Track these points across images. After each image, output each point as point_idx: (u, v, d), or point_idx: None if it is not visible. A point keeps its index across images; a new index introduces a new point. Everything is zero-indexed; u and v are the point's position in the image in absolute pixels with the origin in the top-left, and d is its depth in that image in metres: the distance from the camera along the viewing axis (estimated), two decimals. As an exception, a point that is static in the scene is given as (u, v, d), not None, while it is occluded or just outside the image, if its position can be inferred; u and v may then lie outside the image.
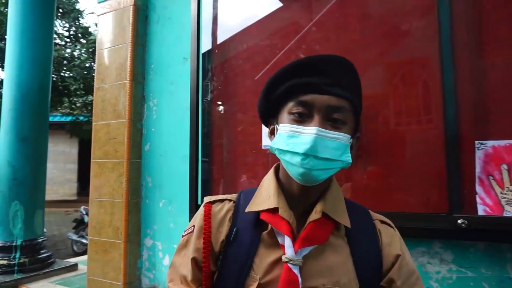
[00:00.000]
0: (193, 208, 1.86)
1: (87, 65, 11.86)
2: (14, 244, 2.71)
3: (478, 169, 1.34)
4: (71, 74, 11.61)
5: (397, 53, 1.55)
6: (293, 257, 0.73)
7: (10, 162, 2.77)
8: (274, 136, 0.81)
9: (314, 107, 0.73)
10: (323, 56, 0.77)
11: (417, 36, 1.51)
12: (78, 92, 12.13)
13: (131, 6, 2.27)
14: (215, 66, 2.05)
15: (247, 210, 0.80)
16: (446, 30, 1.42)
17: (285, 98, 0.77)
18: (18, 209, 2.76)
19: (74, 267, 2.95)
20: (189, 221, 1.12)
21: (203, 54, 2.04)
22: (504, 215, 1.28)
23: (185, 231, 0.88)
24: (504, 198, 1.29)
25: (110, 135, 2.24)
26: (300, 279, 0.71)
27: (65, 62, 11.67)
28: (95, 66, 2.43)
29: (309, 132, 0.71)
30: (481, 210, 1.32)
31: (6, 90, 2.84)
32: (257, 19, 1.97)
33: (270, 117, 0.85)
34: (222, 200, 0.87)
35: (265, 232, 0.78)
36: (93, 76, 11.48)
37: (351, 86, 0.77)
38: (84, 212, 7.17)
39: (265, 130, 1.75)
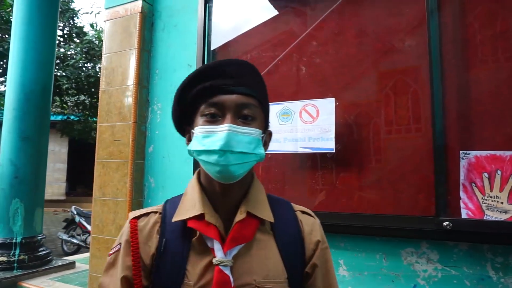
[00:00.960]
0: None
1: (80, 64, 11.81)
2: (14, 241, 2.75)
3: (462, 176, 1.47)
4: (63, 73, 11.54)
5: (391, 67, 1.68)
6: (223, 259, 0.75)
7: (12, 161, 2.82)
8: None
9: (225, 107, 0.77)
10: (225, 60, 0.82)
11: (409, 53, 1.64)
12: (70, 92, 12.06)
13: (138, 14, 2.36)
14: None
15: (173, 220, 0.80)
16: (435, 48, 1.55)
17: (196, 103, 0.80)
18: (18, 207, 2.81)
19: (72, 264, 3.01)
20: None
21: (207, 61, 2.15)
22: (485, 218, 1.41)
23: (111, 249, 0.85)
24: (485, 203, 1.42)
25: (115, 136, 2.32)
26: (231, 279, 0.75)
27: (57, 61, 11.62)
28: (101, 70, 2.51)
29: (222, 130, 0.74)
30: (464, 214, 1.45)
31: (10, 90, 2.89)
32: (258, 28, 2.08)
33: (186, 125, 0.86)
34: (147, 214, 0.85)
35: (194, 238, 0.79)
36: (86, 76, 11.46)
37: (255, 85, 0.82)
38: (75, 212, 7.14)
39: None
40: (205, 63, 2.11)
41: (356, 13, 1.79)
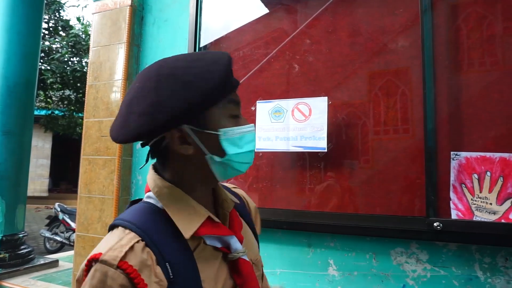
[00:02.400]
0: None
1: (65, 59, 11.56)
2: (-6, 239, 2.67)
3: (452, 177, 1.48)
4: (48, 67, 11.27)
5: (384, 67, 1.68)
6: (242, 250, 0.74)
7: (-7, 156, 2.74)
8: (189, 144, 0.69)
9: (239, 105, 0.74)
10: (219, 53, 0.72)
11: (402, 53, 1.65)
12: (54, 86, 11.80)
13: (128, 7, 2.31)
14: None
15: (188, 236, 0.68)
16: (428, 49, 1.56)
17: (218, 100, 0.69)
18: (-1, 204, 2.72)
19: (55, 263, 2.93)
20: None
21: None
22: (474, 219, 1.43)
23: None
24: (474, 204, 1.44)
25: (102, 132, 2.26)
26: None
27: (42, 54, 11.35)
28: (88, 64, 2.45)
29: (251, 129, 0.73)
30: (454, 215, 1.46)
31: (-8, 83, 2.80)
32: (250, 25, 2.06)
33: (174, 125, 0.67)
34: (131, 248, 0.63)
35: (197, 248, 0.70)
36: (72, 70, 11.23)
37: None
38: (59, 209, 6.97)
39: (259, 132, 1.84)
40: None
41: (349, 12, 1.78)
